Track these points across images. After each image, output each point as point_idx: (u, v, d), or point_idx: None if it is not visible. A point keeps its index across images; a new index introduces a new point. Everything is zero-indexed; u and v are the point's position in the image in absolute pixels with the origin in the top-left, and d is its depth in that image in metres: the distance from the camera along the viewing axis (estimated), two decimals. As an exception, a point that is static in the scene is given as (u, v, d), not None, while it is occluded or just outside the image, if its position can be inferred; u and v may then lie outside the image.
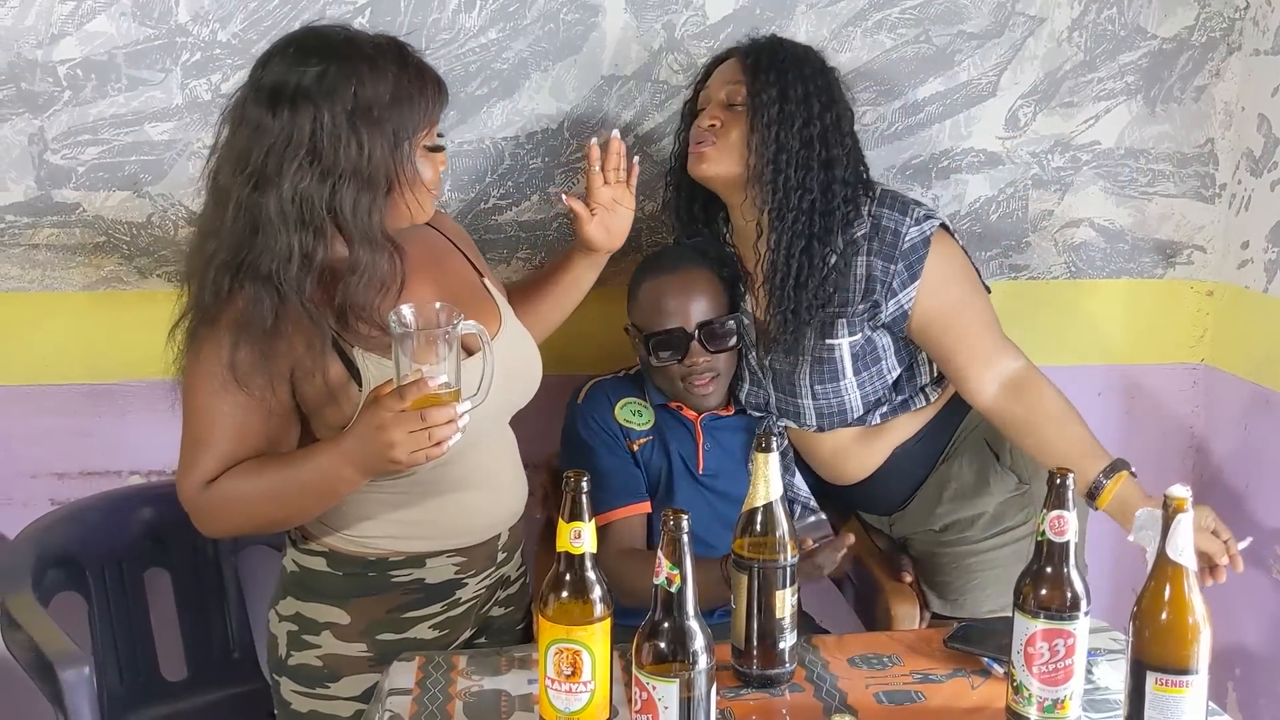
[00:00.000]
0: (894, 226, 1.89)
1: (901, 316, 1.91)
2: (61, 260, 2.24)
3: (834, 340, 1.94)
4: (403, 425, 1.43)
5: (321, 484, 1.55)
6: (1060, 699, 1.40)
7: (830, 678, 1.57)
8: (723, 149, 1.90)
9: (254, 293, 1.52)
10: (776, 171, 1.87)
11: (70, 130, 2.19)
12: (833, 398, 1.99)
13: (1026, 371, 1.91)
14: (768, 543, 1.52)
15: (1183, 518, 1.30)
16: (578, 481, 1.33)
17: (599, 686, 1.35)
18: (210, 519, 1.63)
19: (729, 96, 1.92)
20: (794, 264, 1.89)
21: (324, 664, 1.70)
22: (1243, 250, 2.39)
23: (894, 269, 1.88)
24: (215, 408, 1.57)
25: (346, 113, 1.51)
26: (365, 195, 1.53)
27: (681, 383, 1.97)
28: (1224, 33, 2.37)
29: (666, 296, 1.96)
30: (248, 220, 1.52)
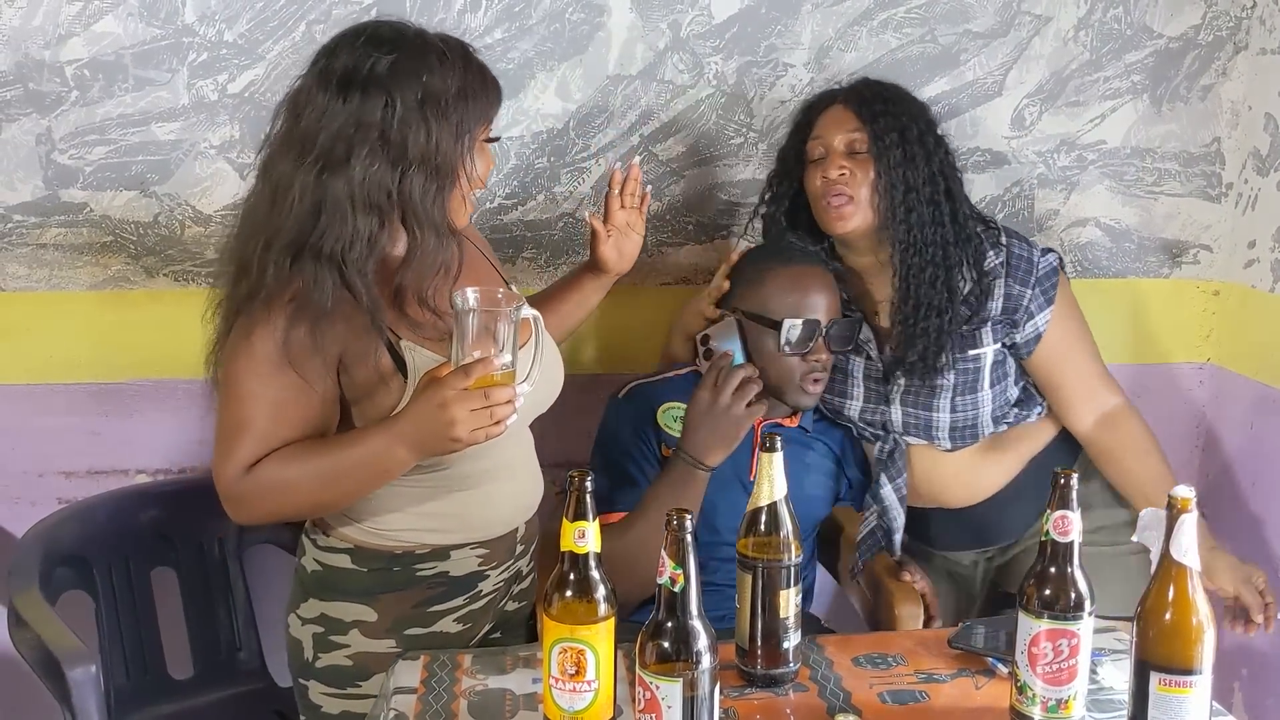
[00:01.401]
0: (1026, 255, 1.98)
1: (1035, 339, 1.99)
2: (69, 260, 2.24)
3: (978, 349, 1.99)
4: (465, 403, 1.44)
5: (374, 465, 1.54)
6: (1064, 699, 1.40)
7: (834, 677, 1.57)
8: (859, 201, 1.93)
9: (315, 273, 1.52)
10: (909, 211, 1.92)
11: (77, 130, 2.20)
12: (969, 410, 2.02)
13: (1123, 407, 2.03)
14: (772, 542, 1.52)
15: (1186, 518, 1.30)
16: (581, 481, 1.33)
17: (603, 686, 1.35)
18: (250, 504, 1.59)
19: (849, 145, 1.94)
20: (933, 298, 1.93)
21: (354, 663, 1.69)
22: (1249, 250, 2.38)
23: (1031, 293, 1.97)
24: (264, 390, 1.55)
25: (417, 101, 1.53)
26: (433, 183, 1.55)
27: (798, 379, 1.91)
28: (1231, 32, 2.37)
29: (808, 287, 1.91)
30: (312, 204, 1.52)
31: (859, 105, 1.95)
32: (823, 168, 1.96)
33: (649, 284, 2.36)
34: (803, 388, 1.91)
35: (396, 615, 1.69)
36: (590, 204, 2.32)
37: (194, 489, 2.28)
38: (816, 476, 2.02)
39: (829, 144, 1.96)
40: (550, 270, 2.33)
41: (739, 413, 1.82)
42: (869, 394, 2.05)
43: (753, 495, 1.54)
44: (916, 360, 1.96)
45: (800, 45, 2.29)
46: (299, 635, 1.73)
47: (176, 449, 2.33)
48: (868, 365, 2.04)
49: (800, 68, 2.30)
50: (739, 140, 2.33)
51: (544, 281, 2.34)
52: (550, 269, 2.33)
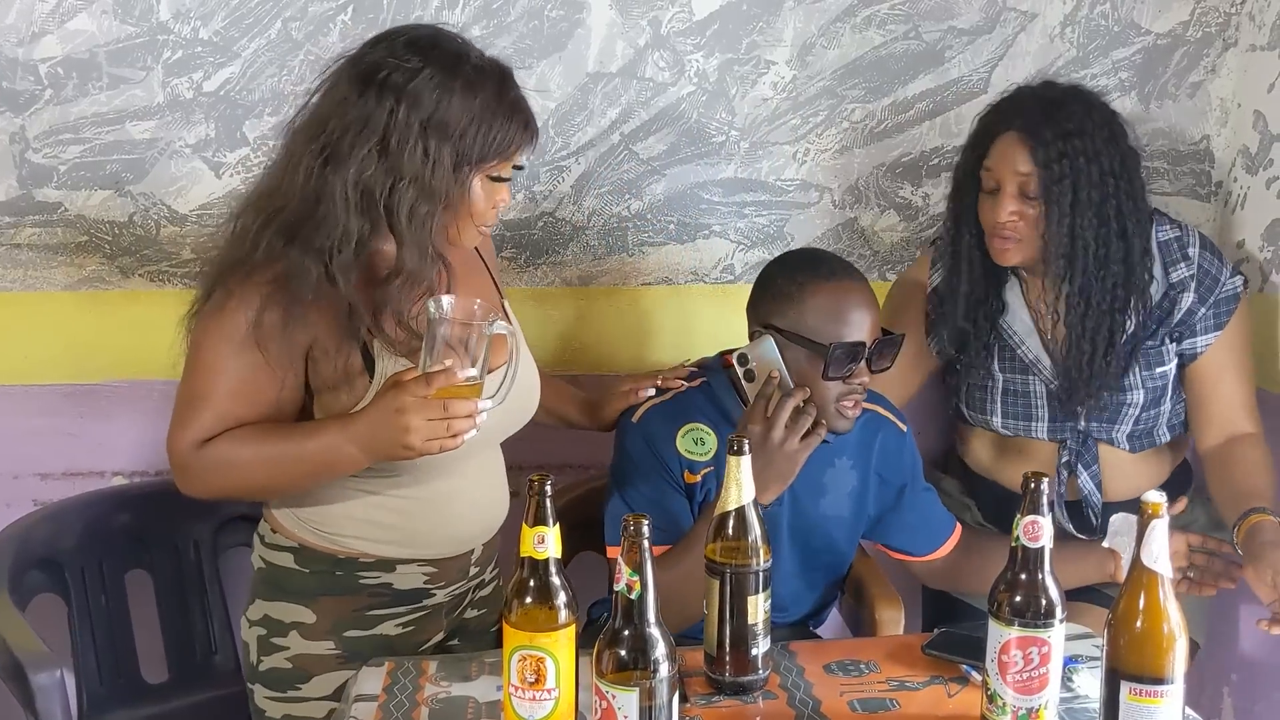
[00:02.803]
0: (1214, 272, 1.99)
1: (1190, 356, 2.02)
2: (43, 260, 2.23)
3: (1163, 367, 2.01)
4: (423, 412, 1.42)
5: (324, 459, 1.53)
6: (1035, 708, 1.37)
7: (805, 685, 1.54)
8: (1026, 241, 1.92)
9: (301, 263, 1.51)
10: (1073, 256, 1.89)
11: (52, 129, 2.18)
12: (1152, 422, 2.05)
13: (1254, 434, 2.04)
14: (740, 547, 1.49)
15: (1158, 523, 1.27)
16: (541, 485, 1.31)
17: (563, 694, 1.33)
18: (197, 478, 1.59)
19: (1022, 188, 1.90)
20: (1097, 340, 1.93)
21: (294, 665, 1.68)
22: (1238, 249, 2.35)
23: (1205, 311, 1.98)
24: (228, 365, 1.54)
25: (422, 120, 1.51)
26: (423, 204, 1.52)
27: (836, 403, 1.75)
28: (1220, 28, 2.33)
29: (852, 305, 1.75)
30: (314, 191, 1.52)
31: (1034, 139, 1.88)
32: (993, 203, 1.92)
33: (629, 284, 2.34)
34: (840, 412, 1.76)
35: (336, 617, 1.68)
36: (569, 202, 2.29)
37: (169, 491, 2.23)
38: (835, 497, 1.87)
39: (1000, 179, 1.91)
40: (529, 270, 2.31)
41: (793, 448, 1.68)
42: (1053, 413, 2.05)
43: (720, 499, 1.51)
44: (1099, 379, 1.96)
45: (782, 42, 2.26)
46: (246, 638, 1.73)
47: (153, 451, 2.31)
48: (1049, 384, 2.03)
49: (782, 65, 2.27)
50: (720, 139, 2.30)
51: (524, 282, 2.32)
52: (530, 269, 2.31)
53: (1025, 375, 2.05)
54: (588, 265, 2.33)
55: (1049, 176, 1.87)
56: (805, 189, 2.34)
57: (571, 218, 2.31)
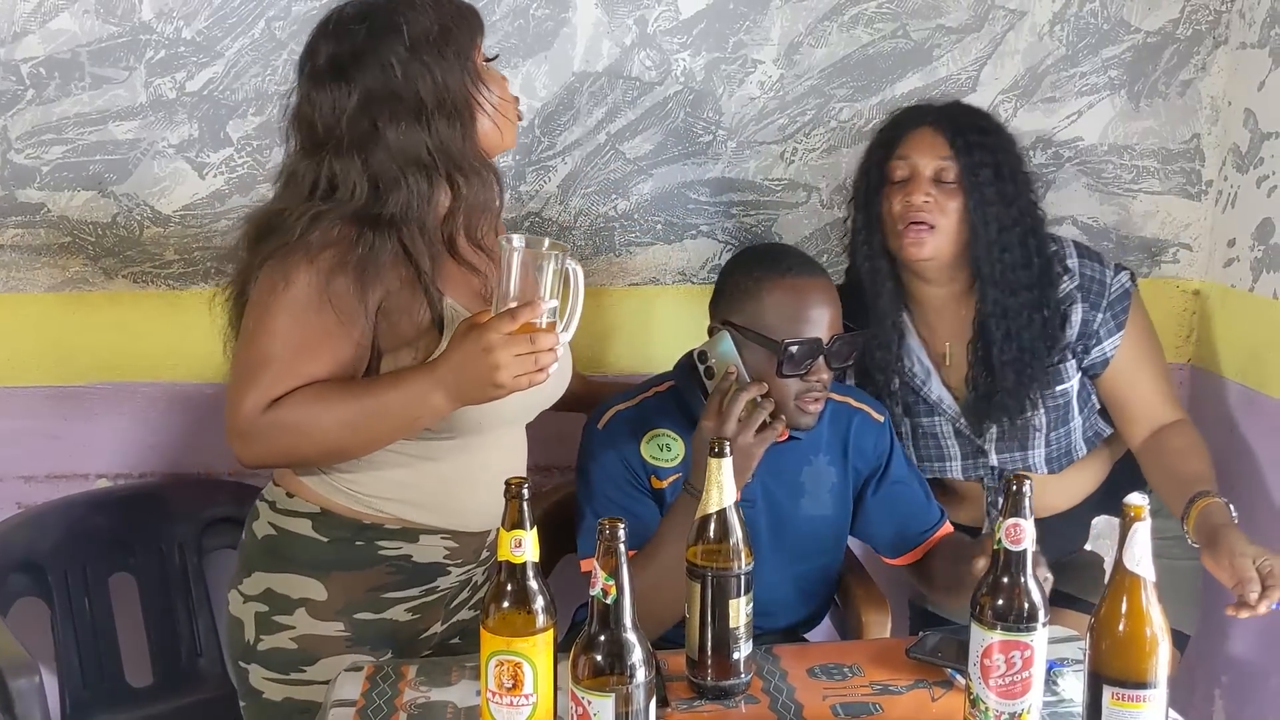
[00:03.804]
0: (1099, 277, 1.95)
1: (1102, 364, 1.98)
2: (26, 261, 2.22)
3: (1064, 384, 1.98)
4: (510, 348, 1.42)
5: (408, 410, 1.50)
6: (1018, 712, 1.35)
7: (787, 689, 1.53)
8: (941, 231, 1.88)
9: (374, 239, 1.53)
10: (1003, 250, 1.88)
11: (34, 129, 2.17)
12: (1063, 441, 2.03)
13: (1179, 421, 2.00)
14: (722, 550, 1.48)
15: (1140, 526, 1.26)
16: (519, 488, 1.29)
17: (541, 700, 1.31)
18: (264, 442, 1.52)
19: (938, 173, 1.88)
20: (1022, 336, 1.91)
21: (299, 646, 1.64)
22: (1229, 248, 2.33)
23: (1102, 317, 1.95)
24: (295, 328, 1.52)
25: (407, 50, 1.54)
26: (455, 122, 1.56)
27: (795, 400, 1.74)
28: (1210, 26, 2.32)
29: (809, 301, 1.74)
30: (369, 184, 1.55)
31: (953, 131, 1.89)
32: (905, 190, 1.89)
33: (616, 285, 2.33)
34: (800, 408, 1.75)
35: (349, 597, 1.64)
36: (556, 202, 2.28)
37: (153, 494, 2.27)
38: (816, 496, 1.85)
39: (916, 167, 1.90)
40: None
41: (747, 442, 1.66)
42: (964, 450, 2.03)
43: (701, 502, 1.49)
44: (1003, 400, 1.93)
45: (769, 41, 2.25)
46: (240, 614, 1.68)
47: (137, 452, 2.30)
48: (954, 421, 2.01)
49: (769, 64, 2.26)
50: (708, 138, 2.28)
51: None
52: (516, 269, 2.30)
53: (932, 416, 2.03)
54: (573, 264, 2.31)
55: (971, 162, 1.86)
56: (793, 189, 2.32)
57: (558, 218, 2.29)
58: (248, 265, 1.60)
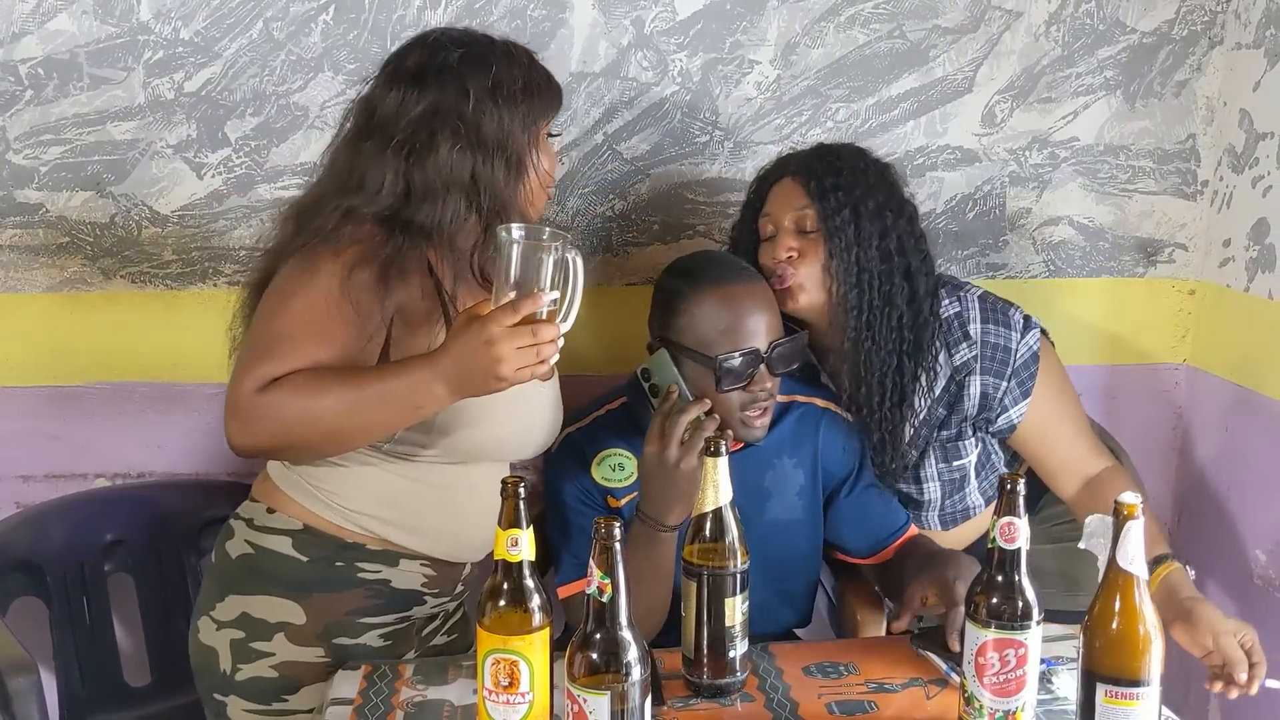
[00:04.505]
0: (1003, 344, 1.88)
1: (1008, 429, 1.92)
2: (25, 261, 2.22)
3: (961, 460, 1.95)
4: (512, 340, 1.40)
5: (408, 398, 1.47)
6: (1012, 710, 1.36)
7: (783, 687, 1.54)
8: (806, 280, 1.83)
9: (401, 241, 1.56)
10: (861, 294, 1.82)
11: (32, 130, 2.17)
12: (959, 505, 2.00)
13: (1108, 471, 1.92)
14: (717, 549, 1.49)
15: (1133, 525, 1.26)
16: (515, 487, 1.30)
17: (538, 698, 1.32)
18: (260, 422, 1.47)
19: (798, 223, 1.85)
20: (889, 384, 1.85)
21: (280, 674, 1.62)
22: (1224, 248, 2.34)
23: (1006, 385, 1.88)
24: (311, 314, 1.51)
25: (487, 88, 1.59)
26: (508, 170, 1.61)
27: (739, 413, 1.70)
28: (1205, 26, 2.33)
29: (743, 310, 1.68)
30: (404, 187, 1.58)
31: (808, 179, 1.85)
32: (772, 246, 1.87)
33: (614, 284, 2.33)
34: (745, 422, 1.71)
35: (328, 620, 1.64)
36: (553, 203, 2.28)
37: (151, 493, 2.27)
38: (783, 499, 1.83)
39: (778, 222, 1.87)
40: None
41: (690, 466, 1.59)
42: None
43: (697, 501, 1.50)
44: (888, 461, 1.87)
45: (766, 42, 2.25)
46: (212, 643, 1.66)
47: (135, 452, 2.30)
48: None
49: (766, 65, 2.26)
50: (704, 138, 2.29)
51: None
52: (513, 269, 2.30)
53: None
54: (571, 265, 2.32)
55: (826, 209, 1.82)
56: (790, 189, 2.32)
57: (555, 218, 2.29)
58: (276, 255, 1.62)
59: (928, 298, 1.86)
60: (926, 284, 1.86)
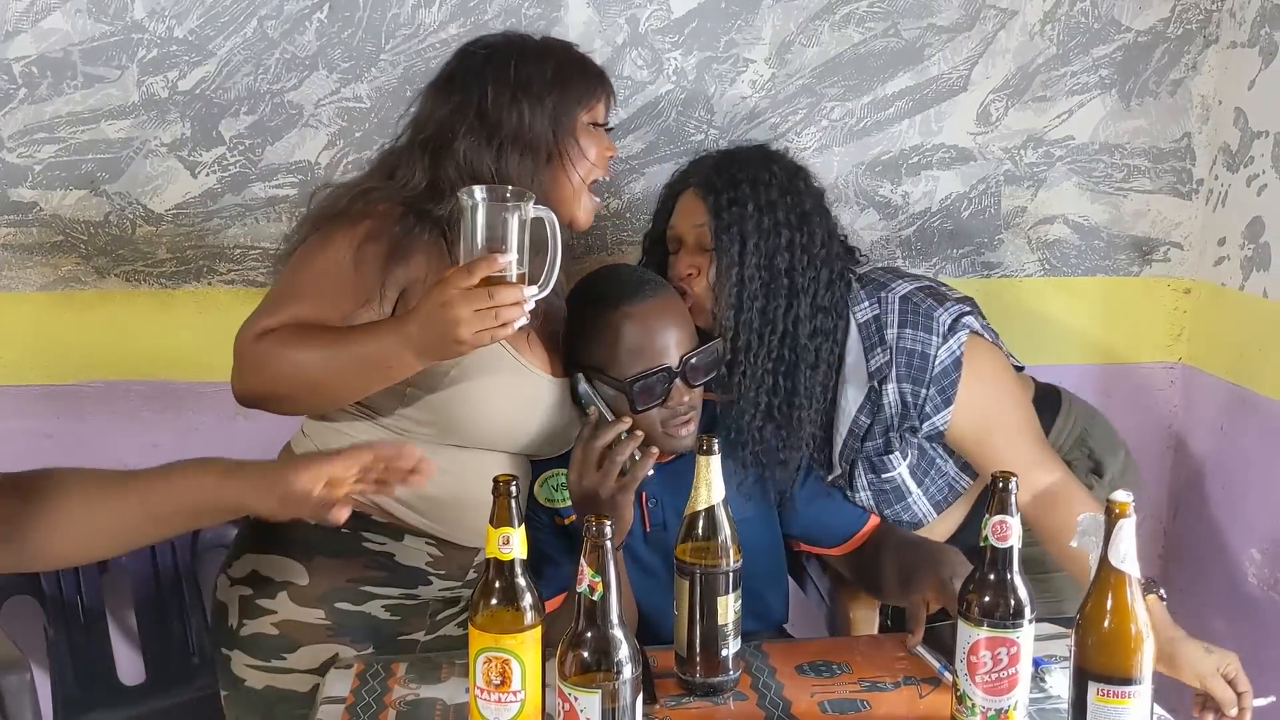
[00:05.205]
0: (920, 349, 1.80)
1: (936, 435, 1.86)
2: (18, 260, 2.21)
3: (890, 472, 1.87)
4: (469, 302, 1.41)
5: (379, 359, 1.50)
6: (1004, 709, 1.36)
7: (776, 685, 1.54)
8: (701, 296, 1.78)
9: (415, 226, 1.60)
10: (737, 312, 1.75)
11: (26, 128, 2.17)
12: (903, 514, 1.91)
13: (1060, 486, 1.81)
14: (710, 547, 1.49)
15: (1125, 523, 1.26)
16: (506, 485, 1.30)
17: (529, 696, 1.32)
18: (250, 368, 1.54)
19: (698, 240, 1.80)
20: (763, 401, 1.78)
21: (280, 631, 1.65)
22: (1219, 247, 2.34)
23: (926, 394, 1.81)
24: (319, 275, 1.58)
25: (509, 83, 1.64)
26: (528, 160, 1.63)
27: (662, 428, 1.66)
28: (1201, 25, 2.33)
29: (648, 328, 1.64)
30: (429, 183, 1.63)
31: (706, 192, 1.80)
32: (676, 262, 1.84)
33: (608, 283, 2.32)
34: (670, 434, 1.66)
35: (330, 583, 1.66)
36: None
37: (146, 492, 2.26)
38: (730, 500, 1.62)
39: (681, 236, 1.83)
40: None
41: (608, 491, 1.56)
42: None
43: (690, 500, 1.50)
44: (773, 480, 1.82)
45: (761, 40, 2.25)
46: (225, 598, 1.70)
47: (130, 451, 2.28)
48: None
49: (761, 63, 2.26)
50: (699, 137, 2.29)
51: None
52: (508, 268, 2.30)
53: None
54: (566, 264, 2.27)
55: (719, 225, 1.76)
56: (785, 187, 2.32)
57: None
58: (304, 229, 1.67)
59: (817, 314, 1.79)
60: (823, 297, 1.79)
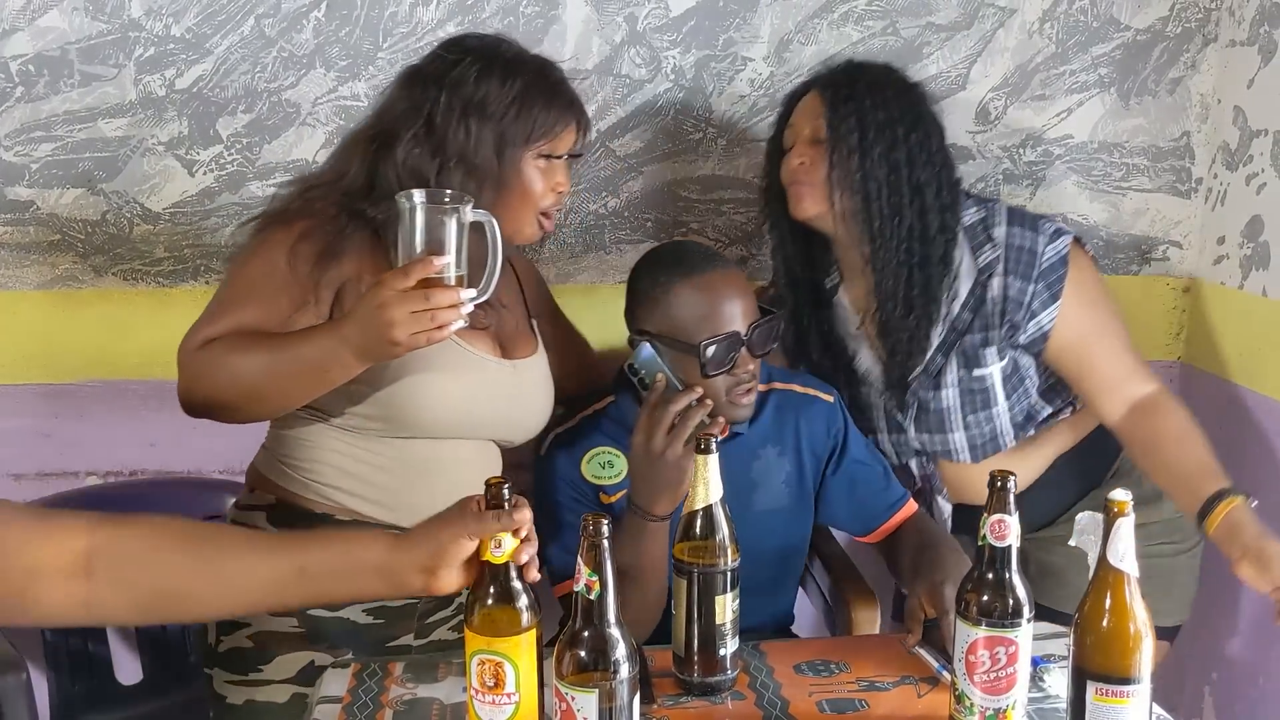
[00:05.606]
0: (1029, 245, 1.85)
1: (1040, 338, 1.87)
2: (15, 259, 2.21)
3: (983, 369, 1.90)
4: (405, 304, 1.41)
5: (318, 362, 1.50)
6: (1002, 709, 1.36)
7: (774, 685, 1.53)
8: (815, 186, 1.85)
9: (347, 225, 1.60)
10: (866, 202, 1.82)
11: (23, 127, 2.16)
12: (985, 426, 1.94)
13: (1158, 395, 1.86)
14: (708, 546, 1.48)
15: (1123, 522, 1.26)
16: (498, 488, 1.28)
17: (524, 698, 1.30)
18: (193, 379, 1.55)
19: (814, 132, 1.86)
20: (900, 294, 1.85)
21: (255, 643, 1.66)
22: (1219, 246, 2.34)
23: (1033, 289, 1.85)
24: (257, 279, 1.59)
25: (463, 102, 1.60)
26: (470, 183, 1.59)
27: (726, 395, 1.72)
28: (1200, 23, 2.32)
29: (719, 296, 1.70)
30: (368, 173, 1.62)
31: (827, 90, 1.87)
32: (789, 155, 1.90)
33: (607, 281, 2.32)
34: (732, 402, 1.73)
35: None
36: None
37: (143, 491, 2.26)
38: (770, 490, 1.82)
39: (798, 133, 1.90)
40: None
41: (675, 454, 1.61)
42: (889, 424, 2.00)
43: (688, 499, 1.49)
44: (905, 371, 1.88)
45: (759, 39, 2.25)
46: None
47: (127, 451, 2.29)
48: (880, 394, 1.98)
49: (760, 62, 2.26)
50: (698, 135, 2.28)
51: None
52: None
53: (861, 387, 2.00)
54: (565, 263, 2.32)
55: (835, 116, 1.83)
56: (783, 186, 2.32)
57: (548, 215, 2.29)
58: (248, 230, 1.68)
59: (941, 212, 1.85)
60: (942, 199, 1.85)
